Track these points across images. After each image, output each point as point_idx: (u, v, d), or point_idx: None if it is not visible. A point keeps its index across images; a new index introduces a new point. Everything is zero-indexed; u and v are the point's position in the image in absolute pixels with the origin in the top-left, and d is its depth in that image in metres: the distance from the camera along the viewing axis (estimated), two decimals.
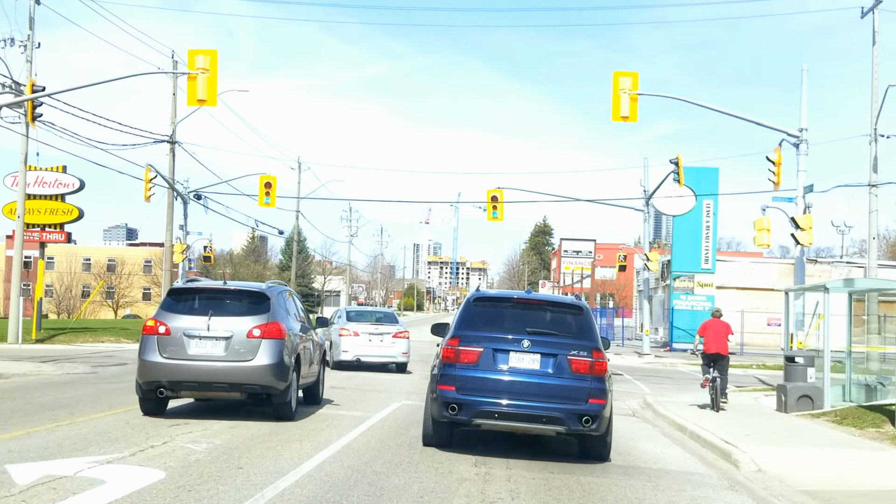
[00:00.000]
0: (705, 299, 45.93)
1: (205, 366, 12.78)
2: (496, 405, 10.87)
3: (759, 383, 28.80)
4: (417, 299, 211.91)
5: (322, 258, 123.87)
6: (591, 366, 11.03)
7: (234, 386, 12.94)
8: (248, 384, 12.88)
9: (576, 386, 10.92)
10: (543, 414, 10.81)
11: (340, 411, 15.72)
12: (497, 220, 39.77)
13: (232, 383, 12.90)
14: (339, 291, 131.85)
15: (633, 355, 41.92)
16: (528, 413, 10.85)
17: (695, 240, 45.90)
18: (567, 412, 10.80)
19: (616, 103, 24.52)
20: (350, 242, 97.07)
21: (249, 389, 13.00)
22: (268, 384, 12.95)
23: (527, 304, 11.79)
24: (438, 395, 11.07)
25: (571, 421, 10.81)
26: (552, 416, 10.82)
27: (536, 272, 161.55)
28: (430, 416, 11.49)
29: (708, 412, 18.13)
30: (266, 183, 38.97)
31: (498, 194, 39.52)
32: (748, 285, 50.77)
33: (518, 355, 11.05)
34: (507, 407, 10.86)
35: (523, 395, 10.90)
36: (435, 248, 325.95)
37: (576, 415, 10.80)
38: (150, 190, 34.95)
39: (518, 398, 10.88)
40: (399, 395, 19.34)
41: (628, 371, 32.18)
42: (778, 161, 27.29)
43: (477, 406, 10.86)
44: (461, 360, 11.07)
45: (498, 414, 10.89)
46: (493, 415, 10.90)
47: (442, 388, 11.04)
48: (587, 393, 10.90)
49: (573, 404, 10.82)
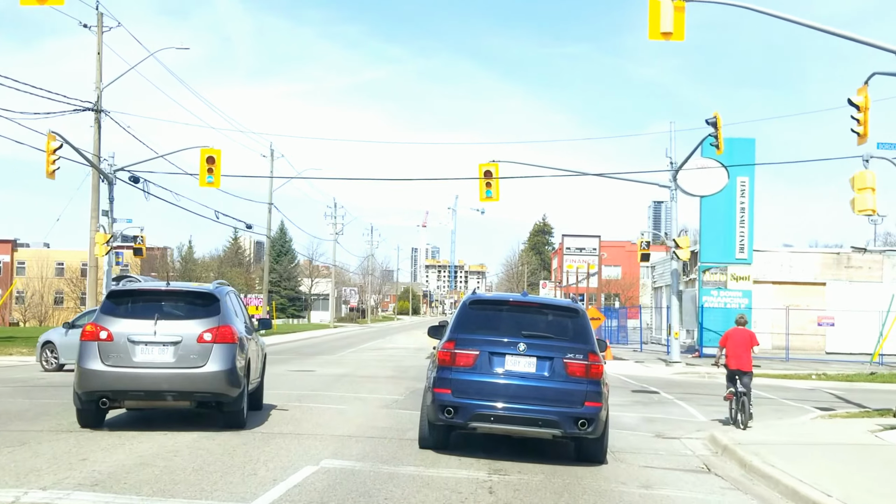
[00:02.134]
0: (741, 295, 38.77)
1: (152, 373, 12.13)
2: (492, 408, 10.85)
3: (841, 401, 21.83)
4: (413, 303, 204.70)
5: (308, 259, 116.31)
6: (587, 369, 10.98)
7: (184, 394, 12.27)
8: (199, 392, 12.26)
9: (572, 389, 10.88)
10: (539, 417, 10.81)
11: None
12: (492, 201, 32.61)
13: (182, 391, 12.22)
14: (327, 294, 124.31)
15: (659, 364, 34.76)
16: (524, 416, 10.84)
17: (727, 225, 38.67)
18: (563, 415, 10.77)
19: (655, 13, 17.42)
20: (335, 241, 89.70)
21: (200, 398, 12.37)
22: (221, 391, 12.35)
23: (522, 306, 11.78)
24: (434, 399, 11.00)
25: (567, 424, 10.77)
26: (548, 419, 10.80)
27: (536, 273, 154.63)
28: (426, 419, 11.42)
29: (848, 470, 11.09)
30: (208, 158, 31.77)
31: (492, 169, 32.40)
32: (786, 279, 43.60)
33: (514, 358, 11.04)
34: (502, 410, 10.84)
35: (519, 398, 10.88)
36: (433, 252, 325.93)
37: (572, 418, 10.76)
38: (55, 164, 27.78)
39: (514, 401, 10.86)
40: (324, 441, 12.09)
41: (661, 386, 25.05)
42: (864, 105, 20.04)
43: (473, 409, 10.84)
44: (457, 364, 11.06)
45: (494, 417, 10.86)
46: (489, 418, 10.88)
47: (438, 391, 10.99)
48: (583, 396, 10.85)
49: (569, 407, 10.80)
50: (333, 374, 23.84)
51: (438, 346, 11.53)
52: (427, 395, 11.32)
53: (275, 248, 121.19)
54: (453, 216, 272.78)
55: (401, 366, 28.47)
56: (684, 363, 33.21)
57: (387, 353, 38.62)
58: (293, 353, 37.89)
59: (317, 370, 25.55)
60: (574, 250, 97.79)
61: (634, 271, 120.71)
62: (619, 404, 18.46)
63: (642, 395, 22.04)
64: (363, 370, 25.84)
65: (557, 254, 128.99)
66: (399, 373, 24.87)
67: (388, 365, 28.94)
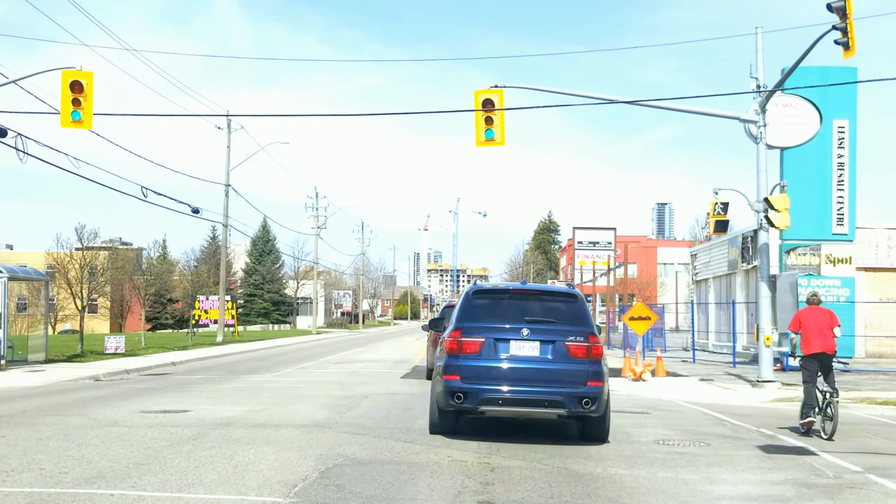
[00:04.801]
0: (839, 284, 28.11)
1: None
2: (500, 392, 11.16)
3: None
4: (413, 307, 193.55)
5: (293, 259, 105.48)
6: (588, 350, 11.33)
7: None
8: None
9: (575, 370, 11.23)
10: (545, 398, 11.14)
11: None
12: (494, 145, 21.95)
13: None
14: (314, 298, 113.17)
15: (736, 382, 24.11)
16: (530, 398, 11.18)
17: (821, 188, 27.99)
18: (567, 395, 11.10)
19: None
20: (317, 235, 78.78)
21: None
22: None
23: (523, 294, 12.08)
24: (444, 385, 11.28)
25: (572, 404, 11.12)
26: (553, 399, 11.12)
27: (542, 273, 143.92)
28: (435, 406, 11.68)
29: None
30: (73, 84, 21.27)
31: (494, 96, 21.82)
32: (882, 265, 32.98)
33: (518, 343, 11.37)
34: (510, 393, 11.16)
35: (525, 381, 11.21)
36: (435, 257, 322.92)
37: (576, 397, 11.11)
38: None
39: (520, 384, 11.19)
40: None
41: (771, 421, 14.47)
42: None
43: (481, 394, 11.13)
44: (464, 351, 11.33)
45: (502, 400, 11.16)
46: (498, 401, 11.17)
47: (447, 378, 11.28)
48: (586, 376, 11.22)
49: (573, 388, 11.14)
50: (207, 422, 13.21)
51: (445, 335, 11.84)
52: (436, 382, 11.61)
53: (257, 248, 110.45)
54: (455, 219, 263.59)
55: (349, 397, 17.84)
56: (779, 382, 22.54)
57: (351, 369, 28.09)
58: (223, 369, 27.37)
59: (194, 409, 14.93)
60: (587, 244, 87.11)
61: (651, 269, 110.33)
62: (767, 497, 8.56)
63: (784, 459, 11.43)
64: (274, 410, 15.16)
65: (566, 251, 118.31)
66: (331, 416, 14.26)
67: (332, 395, 18.32)
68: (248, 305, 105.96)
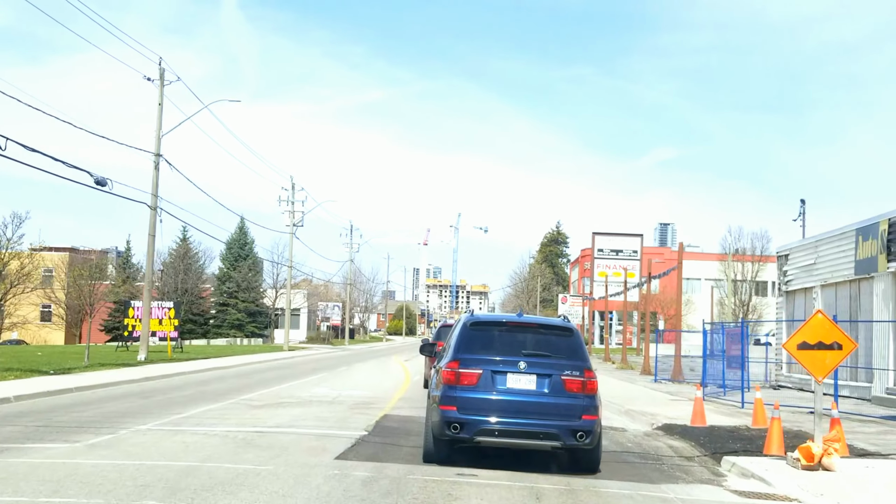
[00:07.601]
0: None
1: None
2: (496, 423, 11.16)
3: None
4: (409, 322, 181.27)
5: (272, 264, 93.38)
6: (584, 384, 11.35)
7: None
8: None
9: (570, 404, 11.26)
10: (541, 430, 11.19)
11: None
12: None
13: None
14: (299, 309, 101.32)
15: None
16: (526, 430, 11.20)
17: None
18: (563, 428, 11.14)
19: None
20: (293, 234, 66.67)
21: None
22: None
23: (520, 326, 12.10)
24: (441, 415, 11.32)
25: (567, 436, 11.16)
26: (549, 432, 11.17)
27: (549, 288, 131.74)
28: (430, 434, 11.75)
29: None
30: None
31: None
32: None
33: (515, 376, 11.37)
34: (506, 425, 11.17)
35: (521, 413, 11.21)
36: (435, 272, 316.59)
37: (571, 430, 11.16)
38: None
39: (516, 416, 11.20)
40: None
41: None
42: None
43: (478, 425, 11.18)
44: (461, 382, 11.35)
45: (498, 432, 11.19)
46: (494, 432, 11.20)
47: (444, 408, 11.32)
48: (581, 410, 11.24)
49: (568, 421, 11.18)
50: None
51: (441, 366, 11.89)
52: (433, 412, 11.63)
53: (232, 252, 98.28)
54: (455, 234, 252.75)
55: None
56: None
57: (258, 425, 16.09)
58: (34, 417, 15.49)
59: None
60: (608, 252, 75.08)
61: (673, 283, 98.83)
62: None
63: None
64: None
65: (578, 263, 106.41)
66: None
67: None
68: (221, 316, 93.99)
